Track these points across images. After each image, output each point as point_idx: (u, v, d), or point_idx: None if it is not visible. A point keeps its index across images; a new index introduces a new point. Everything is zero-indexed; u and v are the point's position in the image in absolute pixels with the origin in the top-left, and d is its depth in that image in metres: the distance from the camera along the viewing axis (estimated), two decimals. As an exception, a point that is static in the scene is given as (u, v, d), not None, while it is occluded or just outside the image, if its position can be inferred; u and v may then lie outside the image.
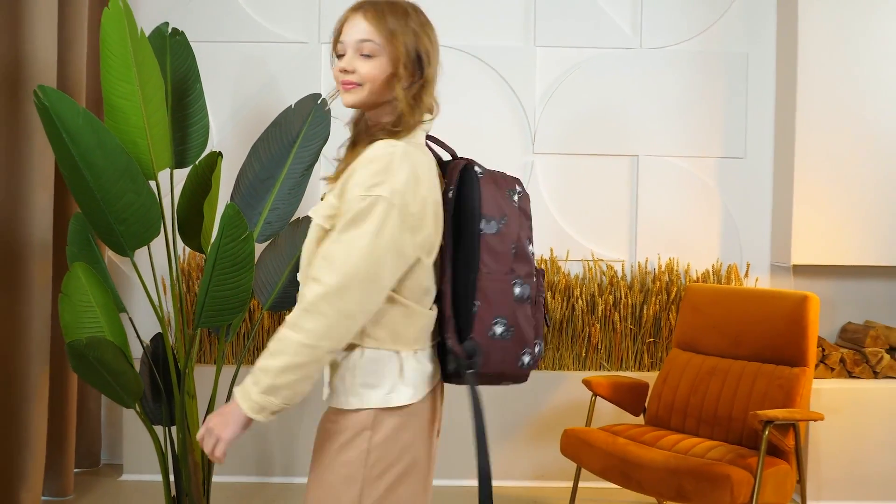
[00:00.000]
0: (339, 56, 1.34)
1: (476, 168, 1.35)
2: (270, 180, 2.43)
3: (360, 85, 1.31)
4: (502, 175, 1.39)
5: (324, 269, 1.19)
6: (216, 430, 1.21)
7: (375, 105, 1.35)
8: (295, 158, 2.45)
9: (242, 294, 2.17)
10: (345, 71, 1.31)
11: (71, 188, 2.08)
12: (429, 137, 1.44)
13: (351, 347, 1.29)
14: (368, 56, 1.30)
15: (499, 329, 1.30)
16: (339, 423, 1.30)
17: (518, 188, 1.39)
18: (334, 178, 1.35)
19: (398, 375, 1.29)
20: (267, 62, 3.37)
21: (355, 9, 1.34)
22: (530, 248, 1.37)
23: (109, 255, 3.36)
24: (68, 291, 2.11)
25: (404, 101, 1.32)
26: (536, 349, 1.37)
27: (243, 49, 3.37)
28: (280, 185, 2.43)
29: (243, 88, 3.38)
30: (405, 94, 1.32)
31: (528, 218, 1.38)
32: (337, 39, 1.35)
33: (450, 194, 1.35)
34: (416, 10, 1.37)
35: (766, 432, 2.27)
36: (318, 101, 2.51)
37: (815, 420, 2.39)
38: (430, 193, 1.29)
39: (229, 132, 3.37)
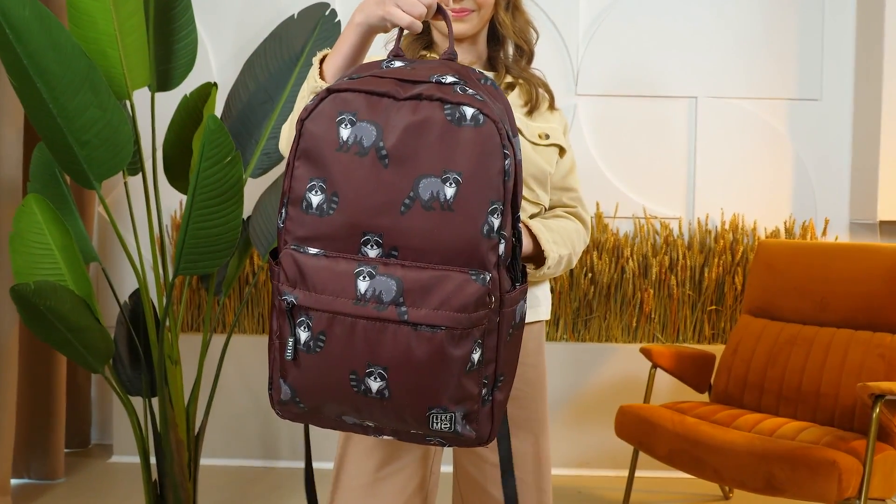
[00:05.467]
0: None
1: None
2: (269, 104, 2.03)
3: (474, 11, 1.19)
4: None
5: (583, 203, 1.31)
6: None
7: (478, 32, 1.23)
8: (299, 78, 2.05)
9: (231, 233, 1.77)
10: None
11: (22, 101, 1.71)
12: None
13: None
14: None
15: None
16: None
17: None
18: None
19: None
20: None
21: None
22: None
23: (99, 210, 3.00)
24: (20, 229, 1.74)
25: (513, 30, 1.24)
26: None
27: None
28: (280, 109, 2.03)
29: (249, 22, 2.97)
30: (512, 22, 1.24)
31: None
32: None
33: None
34: None
35: (878, 409, 1.83)
36: (327, 13, 2.10)
37: (934, 395, 1.95)
38: None
39: (232, 70, 2.95)
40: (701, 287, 2.87)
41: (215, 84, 2.16)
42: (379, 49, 1.43)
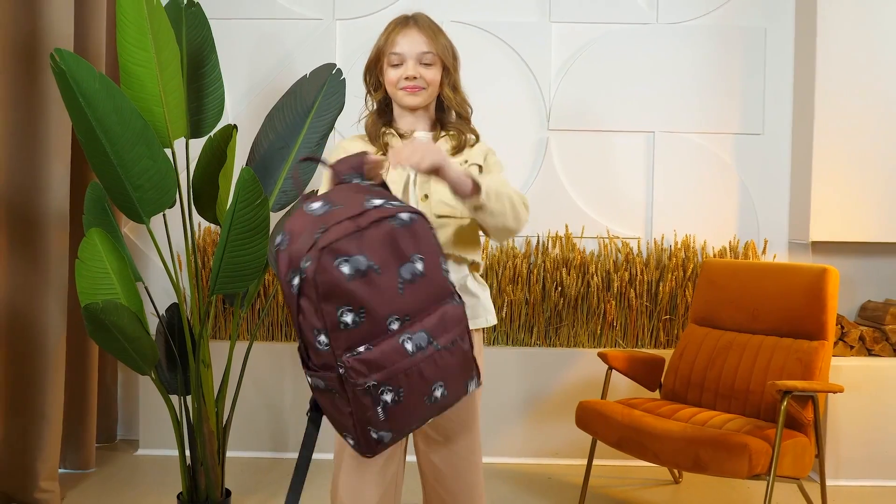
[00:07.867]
0: (394, 65, 1.61)
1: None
2: (285, 149, 2.42)
3: (424, 88, 1.61)
4: None
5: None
6: (428, 152, 1.33)
7: (428, 104, 1.66)
8: (310, 128, 2.44)
9: (258, 260, 2.16)
10: (412, 77, 1.59)
11: (87, 154, 2.08)
12: None
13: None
14: (429, 64, 1.61)
15: None
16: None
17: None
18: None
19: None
20: (282, 39, 3.36)
21: (406, 24, 1.61)
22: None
23: (126, 231, 3.38)
24: (84, 257, 2.12)
25: (455, 102, 1.66)
26: None
27: (259, 26, 3.36)
28: (295, 154, 2.43)
29: (259, 65, 3.37)
30: (454, 95, 1.66)
31: None
32: (389, 50, 1.61)
33: None
34: None
35: (785, 403, 2.24)
36: (333, 72, 2.50)
37: (834, 392, 2.36)
38: None
39: (245, 108, 3.36)
40: (657, 299, 3.28)
41: (235, 126, 2.54)
42: (352, 125, 1.85)
